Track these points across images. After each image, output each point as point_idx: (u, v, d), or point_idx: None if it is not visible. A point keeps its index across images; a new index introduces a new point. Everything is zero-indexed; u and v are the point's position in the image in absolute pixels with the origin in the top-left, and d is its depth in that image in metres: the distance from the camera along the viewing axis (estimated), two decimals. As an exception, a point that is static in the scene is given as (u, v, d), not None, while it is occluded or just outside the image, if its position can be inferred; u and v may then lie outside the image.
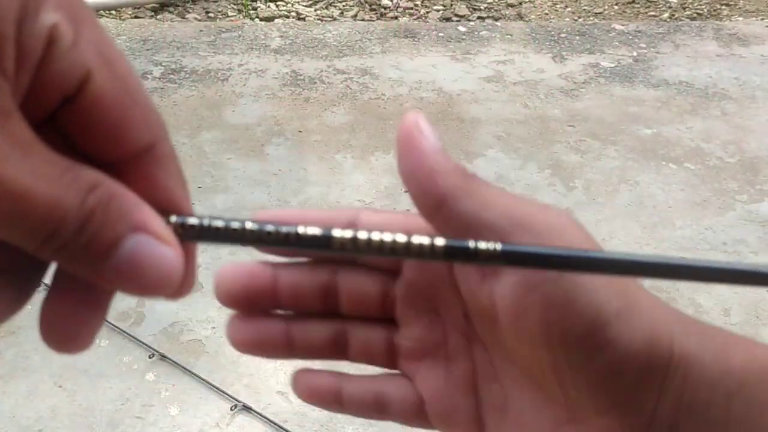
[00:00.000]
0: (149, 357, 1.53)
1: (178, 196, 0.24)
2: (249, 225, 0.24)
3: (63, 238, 0.21)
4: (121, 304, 1.63)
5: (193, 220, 0.24)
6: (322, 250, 0.25)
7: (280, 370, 1.53)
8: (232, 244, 0.24)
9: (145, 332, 1.58)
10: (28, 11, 0.20)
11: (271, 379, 1.51)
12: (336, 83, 2.53)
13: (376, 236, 0.25)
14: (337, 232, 0.25)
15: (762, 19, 3.10)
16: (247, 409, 1.43)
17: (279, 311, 0.31)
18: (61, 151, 0.21)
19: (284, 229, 0.24)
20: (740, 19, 3.13)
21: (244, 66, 2.63)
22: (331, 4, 3.26)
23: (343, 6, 3.25)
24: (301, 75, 2.58)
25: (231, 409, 1.44)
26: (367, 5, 3.26)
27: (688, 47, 2.79)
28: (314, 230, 0.25)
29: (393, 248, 0.25)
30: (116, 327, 1.56)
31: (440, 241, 0.25)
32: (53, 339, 0.23)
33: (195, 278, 0.25)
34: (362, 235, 0.25)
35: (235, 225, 0.24)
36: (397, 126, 0.26)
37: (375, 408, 0.32)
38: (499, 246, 0.24)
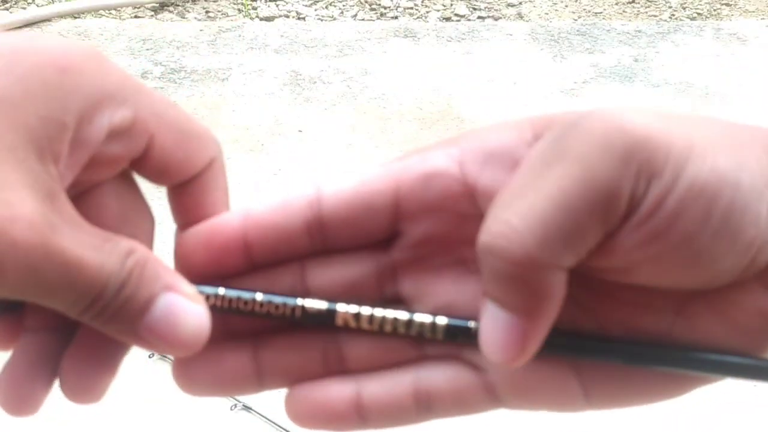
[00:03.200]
0: (149, 357, 1.52)
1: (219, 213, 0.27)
2: (259, 297, 0.26)
3: (104, 301, 0.22)
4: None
5: (208, 290, 0.26)
6: (327, 324, 0.26)
7: (280, 370, 1.53)
8: (245, 315, 0.26)
9: (145, 332, 1.58)
10: (93, 105, 0.23)
11: (271, 379, 1.51)
12: (336, 83, 2.53)
13: (378, 313, 0.26)
14: (341, 307, 0.26)
15: (762, 19, 3.10)
16: (247, 409, 1.43)
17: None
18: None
19: (290, 303, 0.26)
20: (740, 18, 3.13)
21: (244, 66, 2.62)
22: (331, 4, 3.26)
23: (343, 6, 3.25)
24: (301, 75, 2.58)
25: (231, 409, 1.44)
26: (367, 5, 3.26)
27: (688, 47, 2.79)
28: (320, 304, 0.26)
29: (394, 326, 0.26)
30: (116, 327, 1.56)
31: (442, 320, 0.26)
32: (69, 391, 0.25)
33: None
34: (366, 311, 0.26)
35: (246, 297, 0.26)
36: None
37: (416, 407, 0.25)
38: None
